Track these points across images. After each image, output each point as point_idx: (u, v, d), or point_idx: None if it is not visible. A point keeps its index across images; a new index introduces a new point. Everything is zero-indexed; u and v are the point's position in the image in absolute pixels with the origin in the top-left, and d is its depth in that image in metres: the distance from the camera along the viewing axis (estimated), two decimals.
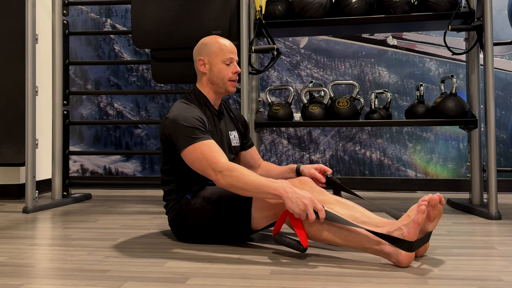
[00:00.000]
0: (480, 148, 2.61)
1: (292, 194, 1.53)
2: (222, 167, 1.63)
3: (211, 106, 1.91)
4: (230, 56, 1.87)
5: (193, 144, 1.69)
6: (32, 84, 2.66)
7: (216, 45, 1.88)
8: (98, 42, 3.84)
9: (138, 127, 3.80)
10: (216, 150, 1.69)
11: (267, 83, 3.63)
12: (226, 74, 1.87)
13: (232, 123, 2.02)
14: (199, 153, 1.68)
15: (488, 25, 2.37)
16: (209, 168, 1.65)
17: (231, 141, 1.95)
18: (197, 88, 1.92)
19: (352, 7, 2.63)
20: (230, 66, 1.87)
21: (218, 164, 1.64)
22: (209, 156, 1.66)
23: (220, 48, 1.87)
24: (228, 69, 1.87)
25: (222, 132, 1.91)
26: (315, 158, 3.59)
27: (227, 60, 1.87)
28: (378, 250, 1.48)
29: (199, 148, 1.68)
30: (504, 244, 1.80)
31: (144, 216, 2.46)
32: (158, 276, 1.40)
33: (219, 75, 1.87)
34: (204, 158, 1.66)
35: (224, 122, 1.95)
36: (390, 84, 3.53)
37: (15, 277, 1.41)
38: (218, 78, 1.87)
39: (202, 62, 1.88)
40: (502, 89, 3.39)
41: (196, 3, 2.74)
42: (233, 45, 1.92)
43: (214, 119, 1.90)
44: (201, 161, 1.67)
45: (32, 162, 2.65)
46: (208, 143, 1.70)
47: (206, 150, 1.68)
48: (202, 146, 1.69)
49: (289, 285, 1.31)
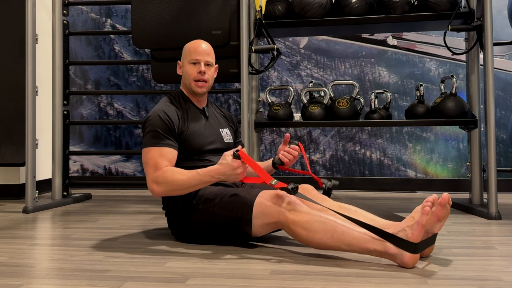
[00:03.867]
0: (480, 148, 2.61)
1: (220, 173, 1.65)
2: (157, 174, 1.72)
3: (194, 105, 1.95)
4: (196, 57, 1.90)
5: (150, 148, 1.77)
6: (32, 84, 2.66)
7: (188, 47, 1.95)
8: (98, 42, 3.84)
9: (138, 127, 3.80)
10: (166, 159, 1.75)
11: (267, 83, 3.64)
12: (191, 74, 1.91)
13: (223, 120, 2.05)
14: (149, 158, 1.76)
15: (488, 25, 2.37)
16: (150, 173, 1.73)
17: (223, 137, 1.97)
18: (180, 89, 2.00)
19: (352, 7, 2.63)
20: (195, 65, 1.91)
21: (157, 170, 1.72)
22: (155, 163, 1.73)
23: (189, 50, 1.93)
24: (193, 68, 1.91)
25: (212, 129, 1.94)
26: (315, 158, 3.59)
27: (193, 60, 1.91)
28: (382, 252, 1.47)
29: (153, 153, 1.76)
30: (504, 244, 1.80)
31: (144, 216, 2.46)
32: (158, 276, 1.40)
33: (186, 75, 1.94)
34: (151, 164, 1.74)
35: (212, 119, 1.98)
36: (390, 84, 3.53)
37: (15, 277, 1.41)
38: (185, 79, 1.94)
39: (179, 66, 1.98)
40: (502, 89, 3.39)
41: (196, 3, 2.74)
42: (206, 48, 1.93)
43: (199, 116, 1.93)
44: (147, 166, 1.75)
45: (32, 162, 2.65)
46: (163, 151, 1.76)
47: (156, 157, 1.75)
48: (156, 153, 1.75)
49: (289, 285, 1.31)
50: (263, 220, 1.66)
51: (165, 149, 1.77)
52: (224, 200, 1.73)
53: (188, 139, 1.84)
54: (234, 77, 2.75)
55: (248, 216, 1.67)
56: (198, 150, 1.86)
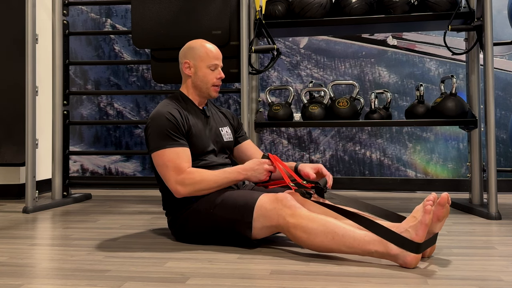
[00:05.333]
0: (480, 148, 2.61)
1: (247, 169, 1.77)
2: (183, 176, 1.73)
3: (195, 106, 1.94)
4: (215, 62, 1.91)
5: (163, 150, 1.75)
6: (32, 84, 2.66)
7: (202, 49, 1.91)
8: (98, 42, 3.84)
9: (138, 127, 3.80)
10: (185, 159, 1.76)
11: (267, 83, 3.64)
12: (210, 79, 1.91)
13: (222, 119, 2.04)
14: (167, 160, 1.75)
15: (488, 25, 2.37)
16: (171, 176, 1.74)
17: (222, 136, 1.96)
18: (181, 91, 1.98)
19: (352, 7, 2.63)
20: (214, 71, 1.91)
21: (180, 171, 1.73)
22: (175, 165, 1.74)
23: (206, 53, 1.90)
24: (212, 74, 1.91)
25: (212, 128, 1.94)
26: (315, 158, 3.59)
27: (212, 66, 1.90)
28: (384, 253, 1.46)
29: (168, 155, 1.75)
30: (504, 244, 1.80)
31: (144, 216, 2.46)
32: (158, 276, 1.40)
33: (204, 79, 1.91)
34: (170, 167, 1.74)
35: (212, 119, 1.98)
36: (390, 84, 3.53)
37: (15, 277, 1.41)
38: (202, 82, 1.91)
39: (187, 65, 1.92)
40: (502, 89, 3.39)
41: (196, 3, 2.74)
42: (219, 51, 1.95)
43: (200, 116, 1.92)
44: (166, 168, 1.75)
45: (32, 162, 2.65)
46: (177, 150, 1.76)
47: (173, 158, 1.75)
48: (172, 154, 1.75)
49: (289, 285, 1.31)
50: (263, 223, 1.66)
51: (179, 149, 1.76)
52: (224, 202, 1.73)
53: (191, 140, 1.83)
54: (234, 77, 2.74)
55: (249, 219, 1.67)
56: (200, 151, 1.86)
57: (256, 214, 1.66)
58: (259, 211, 1.65)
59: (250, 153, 2.07)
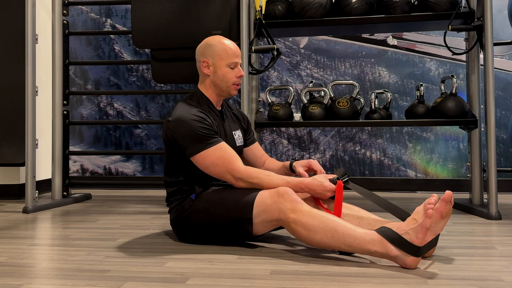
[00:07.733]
0: (480, 148, 2.61)
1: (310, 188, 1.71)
2: (241, 174, 1.71)
3: (214, 108, 1.89)
4: (235, 60, 1.85)
5: (206, 150, 1.72)
6: (32, 84, 2.66)
7: (221, 47, 1.84)
8: (98, 42, 3.84)
9: (138, 127, 3.80)
10: (231, 154, 1.74)
11: (267, 83, 3.63)
12: (230, 78, 1.85)
13: (234, 122, 2.00)
14: (216, 159, 1.72)
15: (488, 25, 2.37)
16: (227, 173, 1.72)
17: (235, 141, 1.93)
18: (199, 89, 1.90)
19: (352, 7, 2.63)
20: (234, 70, 1.85)
21: (237, 171, 1.71)
22: (226, 162, 1.71)
23: (226, 51, 1.84)
24: (232, 73, 1.85)
25: (227, 133, 1.90)
26: (315, 158, 3.59)
27: (232, 64, 1.84)
28: (384, 253, 1.46)
29: (214, 154, 1.72)
30: (504, 244, 1.80)
31: (144, 216, 2.46)
32: (158, 276, 1.40)
33: (224, 78, 1.85)
34: (222, 164, 1.71)
35: (227, 123, 1.94)
36: (390, 84, 3.53)
37: (15, 277, 1.41)
38: (222, 82, 1.85)
39: (206, 64, 1.85)
40: (502, 89, 3.39)
41: (196, 3, 2.74)
42: (238, 48, 1.89)
43: (218, 120, 1.88)
44: (218, 167, 1.72)
45: (32, 162, 2.65)
46: (221, 146, 1.73)
47: (222, 155, 1.72)
48: (217, 151, 1.72)
49: (289, 285, 1.31)
50: (264, 218, 1.65)
51: (219, 145, 1.73)
52: (224, 199, 1.73)
53: None
54: None
55: (249, 215, 1.67)
56: None
57: (257, 209, 1.66)
58: (259, 206, 1.65)
59: (256, 157, 2.06)
